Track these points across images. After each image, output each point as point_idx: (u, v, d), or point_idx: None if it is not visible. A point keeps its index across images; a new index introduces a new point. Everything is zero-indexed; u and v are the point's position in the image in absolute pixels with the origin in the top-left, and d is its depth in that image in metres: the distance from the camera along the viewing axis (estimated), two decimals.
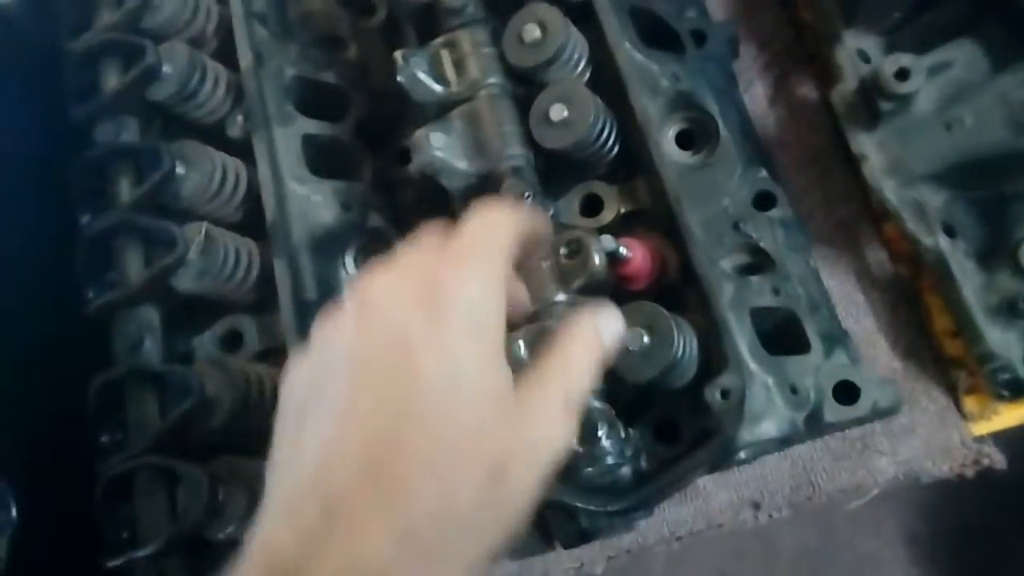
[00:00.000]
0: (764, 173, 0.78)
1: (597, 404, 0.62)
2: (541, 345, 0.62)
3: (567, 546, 0.69)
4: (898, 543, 1.91)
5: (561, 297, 0.64)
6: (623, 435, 0.63)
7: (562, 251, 0.65)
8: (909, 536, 1.90)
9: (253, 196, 0.75)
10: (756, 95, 0.89)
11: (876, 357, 0.78)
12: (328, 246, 0.77)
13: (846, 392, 0.69)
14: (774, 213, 0.75)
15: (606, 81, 0.73)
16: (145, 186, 0.70)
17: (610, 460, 0.61)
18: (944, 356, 0.77)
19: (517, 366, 0.56)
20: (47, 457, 0.73)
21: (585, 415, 0.60)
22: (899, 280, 0.81)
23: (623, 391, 0.65)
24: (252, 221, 0.76)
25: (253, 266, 0.72)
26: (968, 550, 1.82)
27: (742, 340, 0.64)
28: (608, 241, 0.64)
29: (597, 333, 0.53)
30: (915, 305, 0.80)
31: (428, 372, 0.44)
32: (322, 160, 0.79)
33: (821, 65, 0.87)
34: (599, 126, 0.68)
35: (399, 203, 0.84)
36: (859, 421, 0.70)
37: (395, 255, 0.50)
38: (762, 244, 0.73)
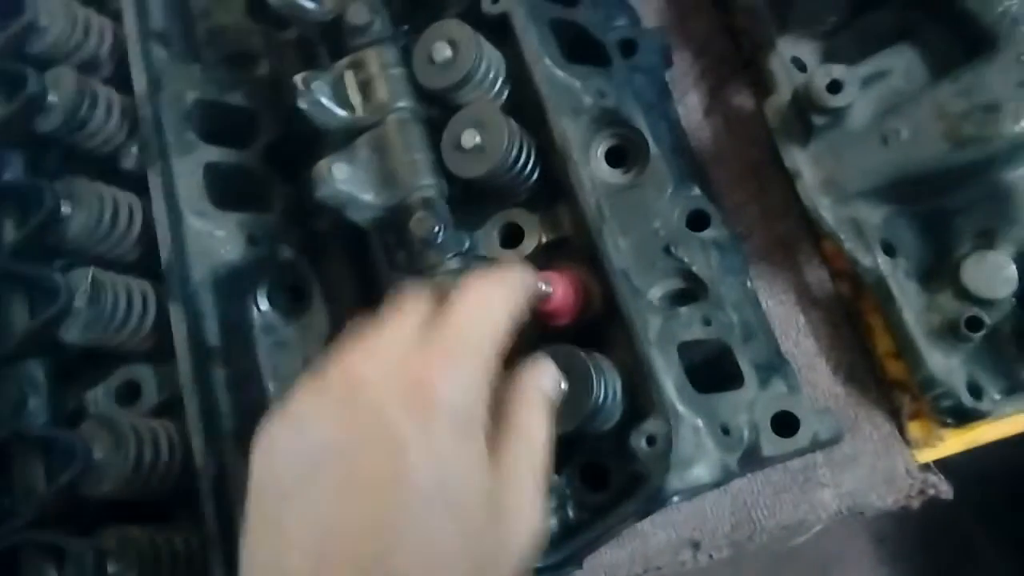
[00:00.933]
0: (697, 191, 0.74)
1: None
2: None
3: None
4: (865, 542, 1.90)
5: None
6: (553, 486, 0.59)
7: None
8: (877, 535, 1.88)
9: (150, 233, 0.70)
10: (691, 105, 0.85)
11: (817, 381, 0.75)
12: (234, 285, 0.72)
13: (785, 423, 0.66)
14: (708, 234, 0.72)
15: (525, 101, 0.69)
16: (26, 228, 0.65)
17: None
18: (887, 379, 0.74)
19: None
20: None
21: None
22: (840, 299, 0.77)
23: None
24: (151, 260, 0.71)
25: (149, 311, 0.67)
26: (934, 546, 1.81)
27: (668, 380, 0.60)
28: None
29: (544, 393, 0.53)
30: (856, 325, 0.76)
31: (418, 483, 0.43)
32: (227, 190, 0.74)
33: (758, 74, 0.83)
34: (515, 152, 0.64)
35: (313, 231, 0.79)
36: (799, 453, 0.67)
37: (380, 325, 0.50)
38: (695, 269, 0.70)
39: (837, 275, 0.78)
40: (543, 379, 0.54)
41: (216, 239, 0.70)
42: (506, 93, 0.69)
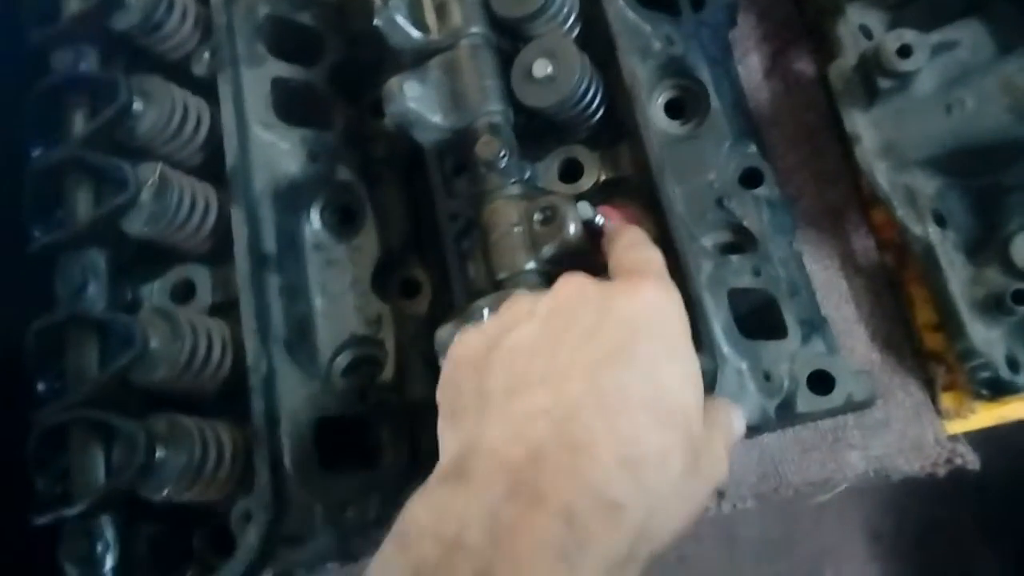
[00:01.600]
0: (753, 149, 0.75)
1: None
2: None
3: None
4: (860, 538, 1.91)
5: (531, 265, 0.61)
6: None
7: (536, 216, 0.61)
8: (872, 532, 1.89)
9: (216, 139, 0.71)
10: (751, 67, 0.85)
11: (854, 347, 0.75)
12: (292, 198, 0.73)
13: (821, 382, 0.66)
14: (760, 191, 0.72)
15: (595, 39, 0.69)
16: (98, 120, 0.66)
17: None
18: (924, 350, 0.75)
19: None
20: None
21: None
22: (884, 269, 0.78)
23: None
24: (213, 166, 0.72)
25: (210, 213, 0.68)
26: (928, 543, 1.82)
27: (717, 321, 0.61)
28: (585, 208, 0.61)
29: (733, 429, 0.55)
30: (898, 296, 0.77)
31: (650, 346, 0.47)
32: (292, 106, 0.75)
33: (821, 40, 0.83)
34: (584, 86, 0.64)
35: (370, 157, 0.80)
36: (832, 412, 0.68)
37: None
38: (745, 223, 0.70)
39: (883, 245, 0.78)
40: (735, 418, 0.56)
41: (279, 151, 0.71)
42: (577, 29, 0.70)
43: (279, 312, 0.67)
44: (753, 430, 0.63)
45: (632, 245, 0.57)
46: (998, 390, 0.68)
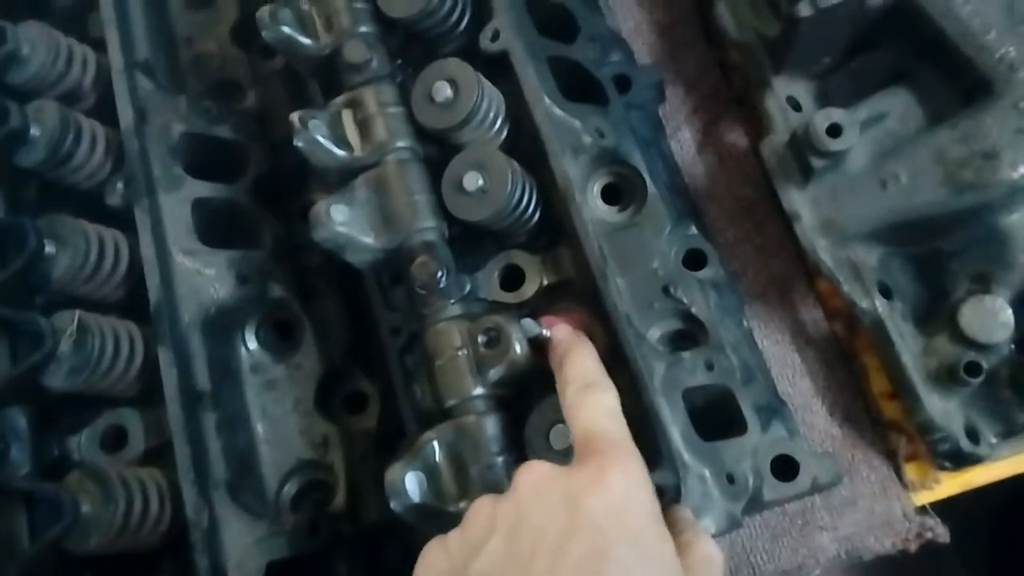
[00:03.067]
0: (693, 230, 0.73)
1: None
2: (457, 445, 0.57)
3: None
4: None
5: (479, 391, 0.59)
6: None
7: (480, 339, 0.59)
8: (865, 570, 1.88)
9: (136, 271, 0.68)
10: (684, 141, 0.85)
11: (813, 422, 0.75)
12: (224, 324, 0.70)
13: (784, 467, 0.65)
14: (705, 273, 0.71)
15: (525, 140, 0.68)
16: (9, 269, 0.62)
17: None
18: (883, 419, 0.74)
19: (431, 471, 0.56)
20: None
21: None
22: (834, 339, 0.77)
23: None
24: (137, 298, 0.68)
25: (136, 354, 0.65)
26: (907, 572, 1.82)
27: (675, 429, 0.59)
28: (530, 326, 0.59)
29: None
30: (851, 365, 0.76)
31: (621, 550, 0.46)
32: (216, 227, 0.72)
33: (751, 110, 0.83)
34: (517, 194, 0.63)
35: (304, 267, 0.77)
36: (799, 496, 0.66)
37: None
38: (693, 310, 0.69)
39: (831, 315, 0.78)
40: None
41: (205, 278, 0.68)
42: (505, 132, 0.68)
43: (218, 452, 0.64)
44: (721, 533, 0.62)
45: (585, 387, 0.55)
46: (960, 461, 0.68)
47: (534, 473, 0.50)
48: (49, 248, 0.63)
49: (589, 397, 0.54)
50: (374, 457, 0.71)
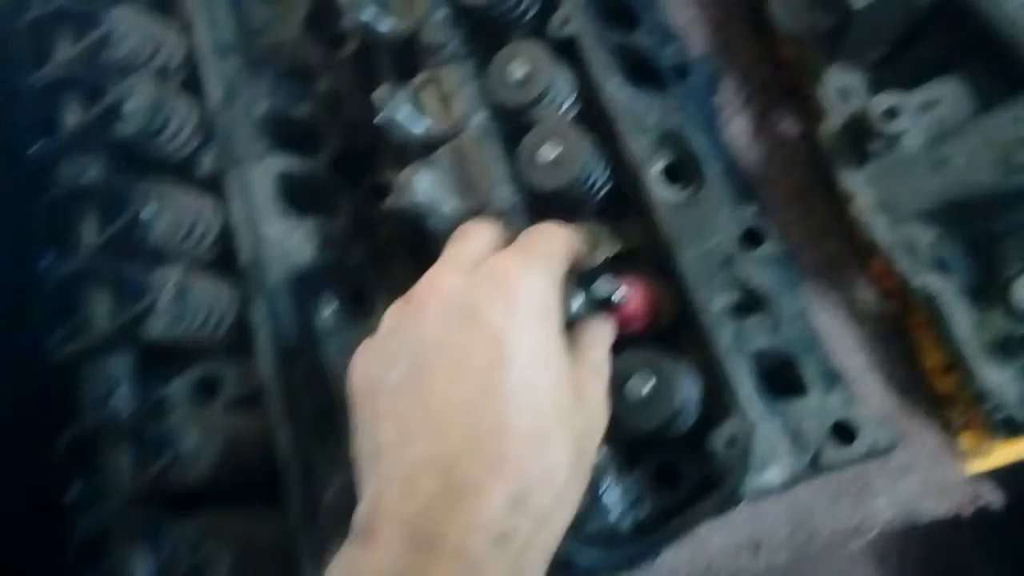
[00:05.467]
0: (752, 210, 0.77)
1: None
2: None
3: None
4: (868, 563, 1.90)
5: None
6: (626, 484, 0.60)
7: None
8: (879, 555, 1.88)
9: (225, 237, 0.72)
10: (737, 130, 0.87)
11: (868, 395, 0.76)
12: (305, 288, 0.73)
13: (843, 432, 0.68)
14: (764, 250, 0.74)
15: (592, 118, 0.72)
16: (112, 229, 0.66)
17: (612, 517, 0.59)
18: (936, 394, 0.76)
19: None
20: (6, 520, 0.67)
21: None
22: (888, 316, 0.80)
23: (622, 436, 0.62)
24: (225, 262, 0.72)
25: (228, 310, 0.68)
26: (934, 568, 1.82)
27: (744, 384, 0.62)
28: (602, 287, 0.62)
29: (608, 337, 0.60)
30: (905, 342, 0.79)
31: (520, 359, 0.49)
32: (298, 197, 0.76)
33: (803, 100, 0.87)
34: (590, 166, 0.66)
35: (377, 241, 0.80)
36: (858, 461, 0.69)
37: (447, 251, 0.57)
38: (754, 282, 0.72)
39: (885, 293, 0.80)
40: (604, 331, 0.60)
41: (290, 244, 0.72)
42: (575, 111, 0.72)
43: (305, 402, 0.67)
44: (786, 486, 0.64)
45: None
46: (1015, 429, 0.70)
47: (432, 286, 0.54)
48: (149, 210, 0.67)
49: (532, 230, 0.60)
50: None
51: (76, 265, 0.66)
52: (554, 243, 0.58)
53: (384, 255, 0.80)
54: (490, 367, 0.49)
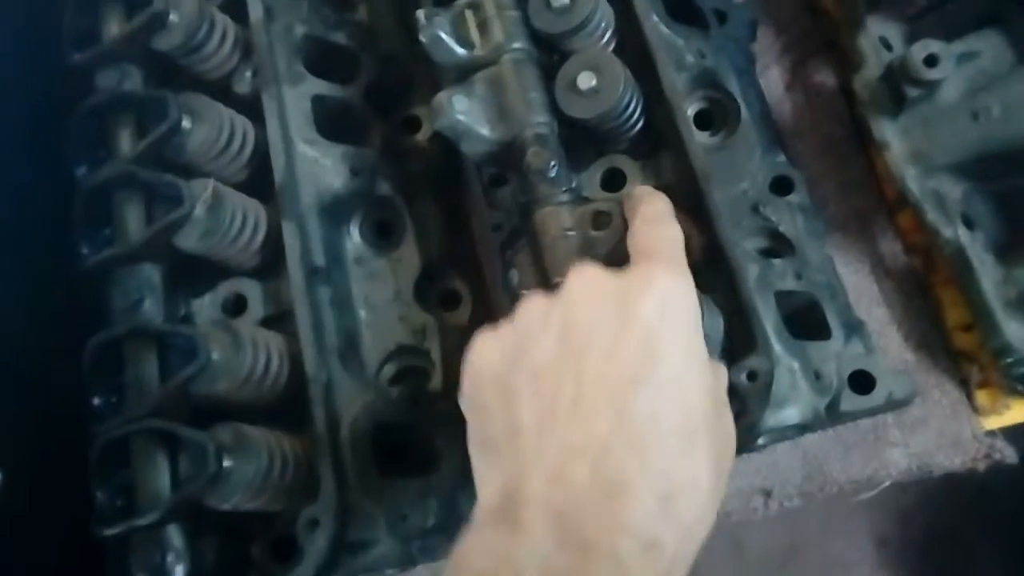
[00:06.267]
0: (783, 158, 0.77)
1: None
2: None
3: None
4: (867, 544, 1.92)
5: None
6: None
7: (590, 222, 0.62)
8: (879, 538, 1.90)
9: (258, 156, 0.72)
10: (772, 80, 0.87)
11: (888, 348, 0.77)
12: (335, 212, 0.74)
13: (861, 382, 0.68)
14: (792, 198, 0.75)
15: (631, 53, 0.71)
16: (150, 138, 0.66)
17: None
18: (956, 350, 0.76)
19: None
20: (33, 419, 0.69)
21: None
22: (912, 272, 0.80)
23: None
24: (257, 182, 0.73)
25: (260, 228, 0.69)
26: (935, 553, 1.83)
27: (768, 322, 0.63)
28: None
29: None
30: (927, 298, 0.79)
31: (673, 357, 0.47)
32: (331, 123, 0.76)
33: (840, 52, 0.86)
34: (627, 97, 0.66)
35: (406, 173, 0.81)
36: (874, 411, 0.70)
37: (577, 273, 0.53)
38: (781, 228, 0.72)
39: (910, 249, 0.80)
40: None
41: (323, 167, 0.72)
42: (613, 44, 0.72)
43: (331, 323, 0.68)
44: (802, 429, 0.65)
45: (652, 220, 0.58)
46: None
47: (584, 277, 0.52)
48: (186, 122, 0.68)
49: (653, 227, 0.57)
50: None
51: (112, 172, 0.67)
52: (679, 243, 0.56)
53: (414, 188, 0.80)
54: (644, 357, 0.47)
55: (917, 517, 1.86)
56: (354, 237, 0.76)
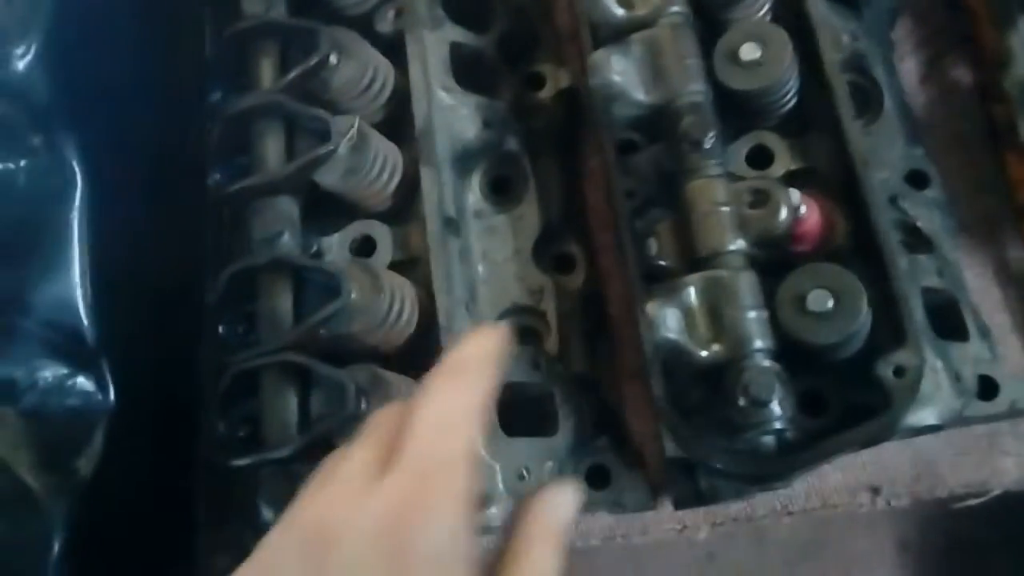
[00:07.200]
0: (920, 151, 0.75)
1: (770, 364, 0.59)
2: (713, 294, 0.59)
3: (680, 506, 0.66)
4: (889, 546, 1.91)
5: (739, 245, 0.61)
6: (784, 402, 0.60)
7: (745, 199, 0.61)
8: (900, 542, 1.90)
9: (395, 99, 0.71)
10: (907, 72, 0.85)
11: (1008, 356, 0.75)
12: (465, 162, 0.72)
13: (986, 387, 0.67)
14: (928, 193, 0.73)
15: (785, 28, 0.69)
16: (298, 69, 0.65)
17: (778, 424, 0.58)
18: None
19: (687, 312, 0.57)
20: (149, 342, 0.68)
21: (764, 373, 0.57)
22: None
23: (791, 347, 0.61)
24: (391, 125, 0.71)
25: (396, 171, 0.68)
26: (955, 559, 1.83)
27: (917, 317, 0.61)
28: (794, 195, 0.61)
29: (561, 527, 0.46)
30: None
31: None
32: (467, 71, 0.74)
33: (979, 49, 0.84)
34: (791, 71, 0.64)
35: (530, 130, 0.79)
36: (995, 418, 0.68)
37: (342, 456, 0.44)
38: (919, 223, 0.71)
39: None
40: (561, 510, 0.47)
41: (458, 115, 0.71)
42: (769, 17, 0.70)
43: (458, 274, 0.67)
44: (936, 429, 0.63)
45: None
46: None
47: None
48: (333, 57, 0.66)
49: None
50: (581, 313, 0.74)
51: (258, 101, 0.65)
52: (455, 432, 0.43)
53: (538, 146, 0.78)
54: None
55: (939, 523, 1.86)
56: (476, 190, 0.75)
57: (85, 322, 0.62)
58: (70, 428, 0.61)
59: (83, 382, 0.61)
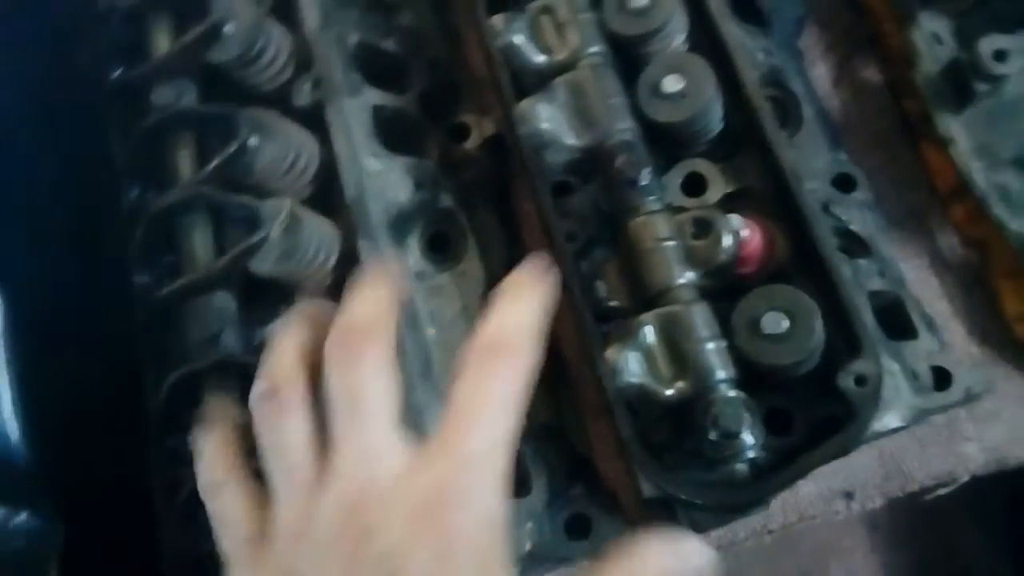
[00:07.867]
0: (843, 155, 0.77)
1: (736, 394, 0.59)
2: (669, 330, 0.59)
3: None
4: (860, 529, 1.95)
5: (687, 278, 0.61)
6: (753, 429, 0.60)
7: (689, 230, 0.61)
8: (870, 523, 1.94)
9: (322, 172, 0.69)
10: (819, 78, 0.87)
11: (953, 342, 0.77)
12: (401, 226, 0.71)
13: (939, 378, 0.68)
14: (857, 195, 0.74)
15: (704, 54, 0.70)
16: (219, 158, 0.63)
17: (751, 453, 0.58)
18: (1017, 339, 0.77)
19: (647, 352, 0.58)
20: (93, 466, 0.65)
21: (731, 404, 0.57)
22: (970, 264, 0.80)
23: (752, 373, 0.61)
24: (320, 199, 0.70)
25: (333, 248, 0.66)
26: (924, 536, 1.87)
27: (868, 323, 0.62)
28: (735, 220, 0.61)
29: None
30: (986, 290, 0.79)
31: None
32: (391, 134, 0.73)
33: (885, 48, 0.86)
34: (715, 99, 0.65)
35: (461, 183, 0.78)
36: (953, 405, 0.70)
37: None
38: (853, 227, 0.72)
39: (967, 242, 0.81)
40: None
41: (388, 180, 0.70)
42: (687, 46, 0.70)
43: (410, 346, 0.66)
44: (902, 429, 0.65)
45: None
46: None
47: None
48: (253, 140, 0.64)
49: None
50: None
51: (181, 196, 0.63)
52: (502, 416, 0.46)
53: (472, 199, 0.78)
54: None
55: (905, 501, 1.90)
56: (415, 252, 0.74)
57: (23, 456, 0.58)
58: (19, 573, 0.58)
59: (27, 519, 0.58)
